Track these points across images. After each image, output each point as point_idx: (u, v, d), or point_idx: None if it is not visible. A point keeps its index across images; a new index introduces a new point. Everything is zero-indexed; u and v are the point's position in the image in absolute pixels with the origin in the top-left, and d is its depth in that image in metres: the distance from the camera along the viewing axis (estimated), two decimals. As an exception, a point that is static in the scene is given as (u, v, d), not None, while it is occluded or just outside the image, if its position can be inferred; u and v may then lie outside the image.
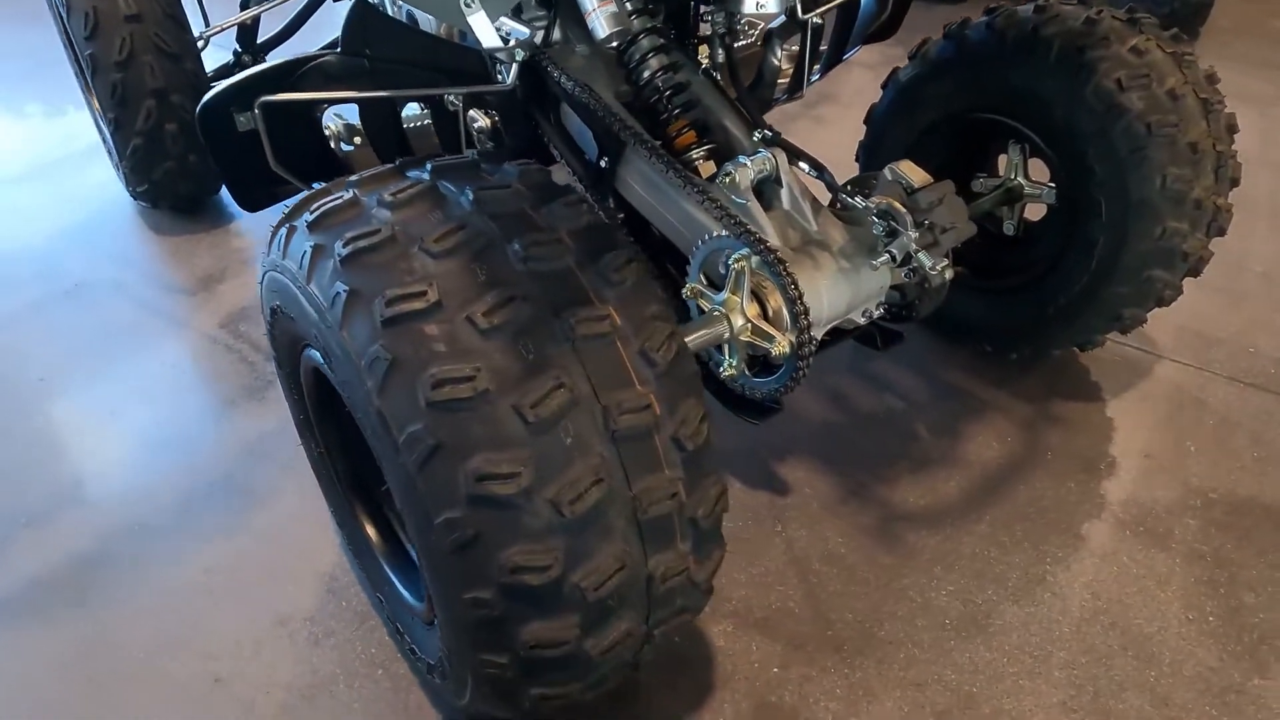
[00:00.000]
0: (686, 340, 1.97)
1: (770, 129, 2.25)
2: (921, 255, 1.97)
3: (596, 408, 1.25)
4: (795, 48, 2.74)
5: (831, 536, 2.20)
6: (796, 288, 1.89)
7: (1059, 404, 2.59)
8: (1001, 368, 2.71)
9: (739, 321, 1.98)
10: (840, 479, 2.36)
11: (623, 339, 1.31)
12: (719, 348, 2.07)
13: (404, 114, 2.11)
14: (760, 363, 2.09)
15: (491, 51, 2.07)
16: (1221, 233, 2.35)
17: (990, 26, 2.34)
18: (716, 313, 1.99)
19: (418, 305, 1.21)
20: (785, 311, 1.92)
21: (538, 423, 1.20)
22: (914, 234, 1.97)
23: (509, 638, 1.28)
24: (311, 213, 1.38)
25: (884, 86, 2.68)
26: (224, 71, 3.53)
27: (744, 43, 2.80)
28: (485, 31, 1.87)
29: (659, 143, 2.27)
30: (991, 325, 2.64)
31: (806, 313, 1.90)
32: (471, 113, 2.46)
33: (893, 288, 2.15)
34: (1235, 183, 2.30)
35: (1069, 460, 2.40)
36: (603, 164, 2.31)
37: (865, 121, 2.78)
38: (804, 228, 2.16)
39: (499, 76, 2.25)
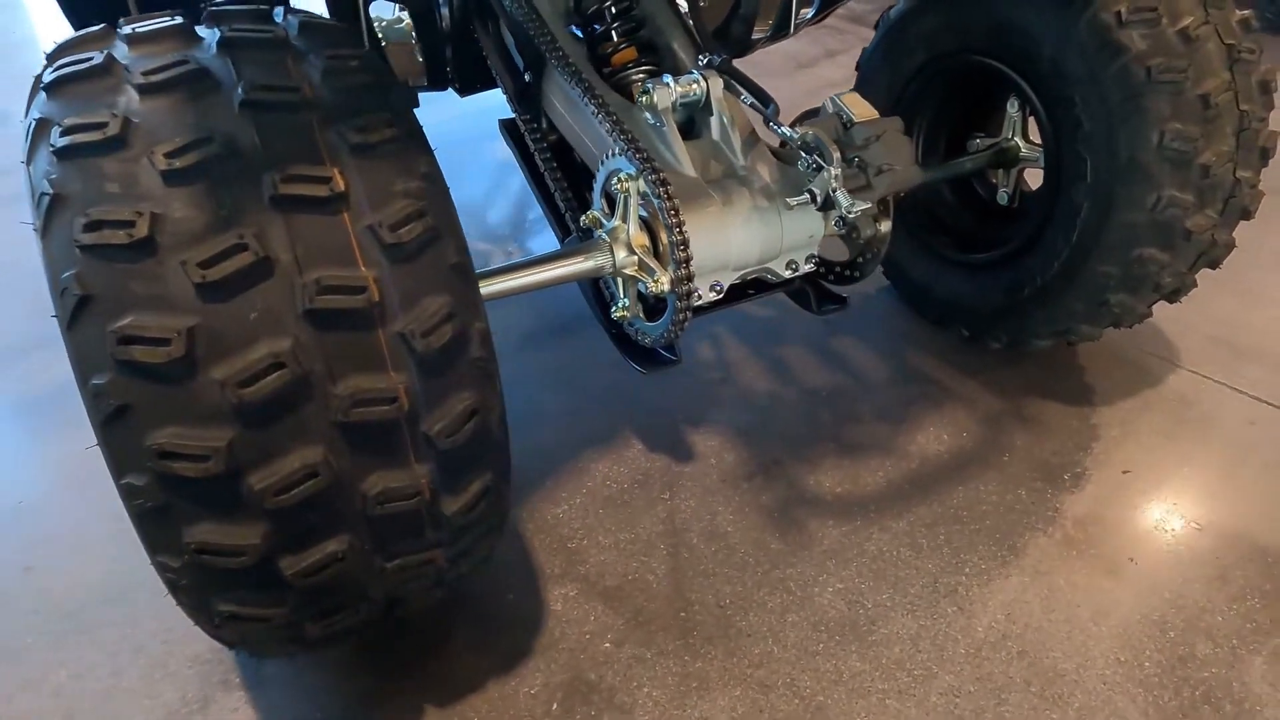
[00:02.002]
0: (566, 267, 1.78)
1: (719, 54, 2.00)
2: (840, 195, 1.69)
3: (298, 282, 1.06)
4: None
5: (722, 512, 1.94)
6: (677, 215, 1.65)
7: (1036, 403, 2.24)
8: (982, 357, 2.37)
9: (622, 254, 1.76)
10: (754, 453, 2.09)
11: (352, 210, 1.11)
12: (617, 284, 1.85)
13: None
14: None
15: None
16: (1246, 215, 1.96)
17: (986, -48, 2.01)
18: (602, 241, 1.78)
19: (94, 137, 1.05)
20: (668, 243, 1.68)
21: (208, 286, 1.02)
22: (836, 171, 1.69)
23: (173, 537, 1.11)
24: (58, 44, 1.24)
25: (876, 26, 2.38)
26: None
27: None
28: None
29: (594, 58, 2.07)
30: (968, 306, 2.31)
31: (685, 245, 1.66)
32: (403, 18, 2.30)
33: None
34: (1267, 154, 1.90)
35: (1028, 465, 2.06)
36: (527, 78, 2.12)
37: (857, 66, 2.48)
38: (730, 161, 1.91)
39: (415, -33, 2.08)
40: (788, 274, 1.91)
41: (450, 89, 2.39)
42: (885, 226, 1.84)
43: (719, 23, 2.53)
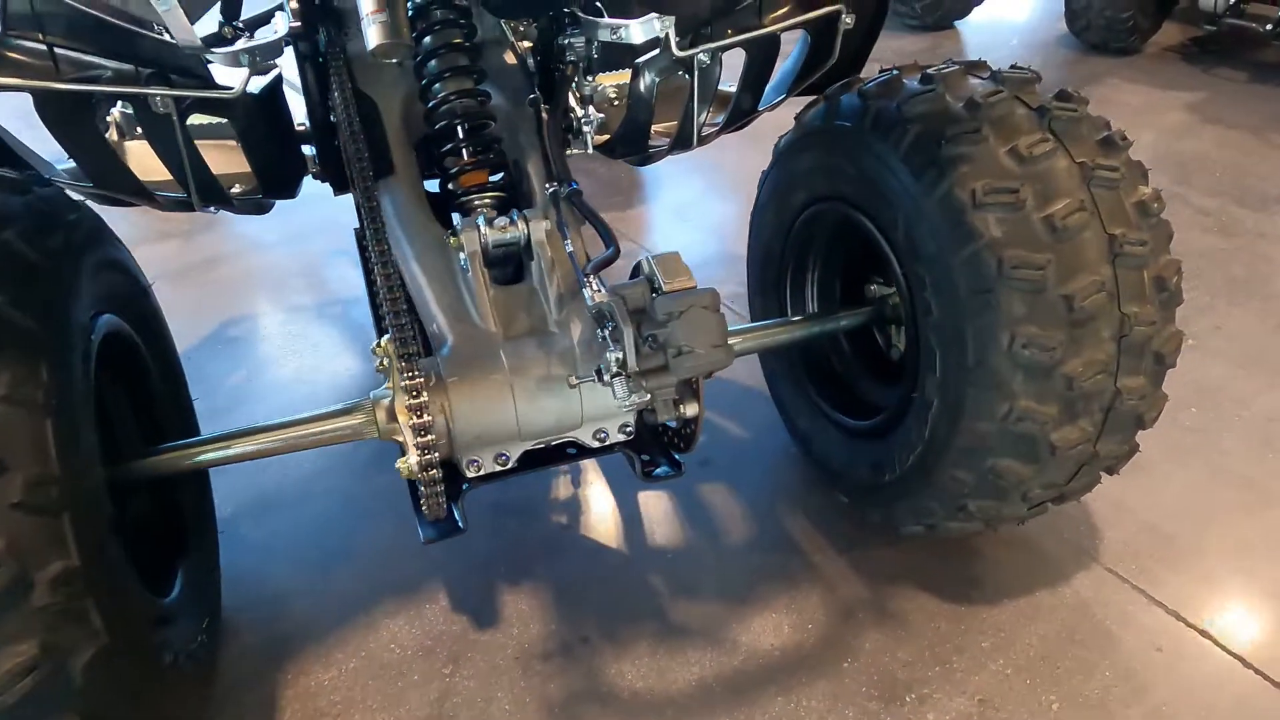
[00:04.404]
0: (322, 429, 1.65)
1: (569, 184, 1.82)
2: (616, 384, 1.49)
3: None
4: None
5: (499, 700, 1.75)
6: (417, 395, 1.49)
7: (906, 594, 1.96)
8: (862, 529, 2.10)
9: (383, 420, 1.60)
10: (562, 625, 1.90)
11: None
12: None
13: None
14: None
15: (197, 52, 1.78)
16: (1141, 424, 1.65)
17: (862, 95, 1.76)
18: (366, 403, 1.63)
19: None
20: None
21: None
22: (618, 354, 1.49)
23: None
24: None
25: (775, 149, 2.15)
26: (212, 41, 3.45)
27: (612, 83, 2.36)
28: (180, 27, 1.59)
29: (444, 175, 1.93)
30: (840, 472, 2.05)
31: (425, 430, 1.49)
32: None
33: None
34: (1164, 359, 1.60)
35: (870, 677, 1.80)
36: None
37: (758, 186, 2.25)
38: (543, 314, 1.74)
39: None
40: (595, 444, 1.73)
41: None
42: (691, 410, 1.62)
43: (616, 128, 2.34)
